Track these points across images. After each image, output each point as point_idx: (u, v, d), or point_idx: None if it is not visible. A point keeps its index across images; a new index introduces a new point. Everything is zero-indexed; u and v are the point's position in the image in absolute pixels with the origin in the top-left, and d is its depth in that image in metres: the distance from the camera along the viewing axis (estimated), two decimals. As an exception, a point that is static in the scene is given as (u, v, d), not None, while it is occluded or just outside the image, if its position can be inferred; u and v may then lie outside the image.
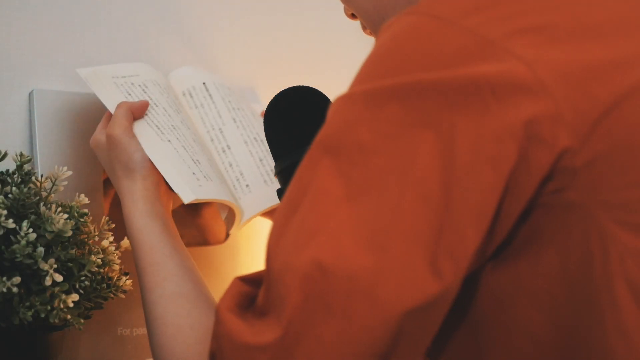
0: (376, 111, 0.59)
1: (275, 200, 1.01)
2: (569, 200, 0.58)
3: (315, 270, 0.56)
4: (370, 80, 0.60)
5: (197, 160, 0.97)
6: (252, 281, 0.66)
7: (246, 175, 1.02)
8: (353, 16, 0.87)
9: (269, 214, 1.06)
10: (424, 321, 0.58)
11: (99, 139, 0.94)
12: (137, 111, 0.94)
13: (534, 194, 0.58)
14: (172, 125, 0.98)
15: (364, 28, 0.86)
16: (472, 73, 0.57)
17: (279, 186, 1.01)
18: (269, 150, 1.04)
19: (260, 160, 1.04)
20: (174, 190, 0.91)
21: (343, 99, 0.61)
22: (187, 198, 0.91)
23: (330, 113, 0.62)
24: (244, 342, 0.59)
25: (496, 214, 0.58)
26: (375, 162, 0.58)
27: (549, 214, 0.59)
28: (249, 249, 1.17)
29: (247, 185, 1.00)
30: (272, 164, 1.03)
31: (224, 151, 1.03)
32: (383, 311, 0.55)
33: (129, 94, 0.99)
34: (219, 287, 0.84)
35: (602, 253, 0.57)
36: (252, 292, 0.65)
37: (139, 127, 0.95)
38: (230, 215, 1.01)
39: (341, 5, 0.86)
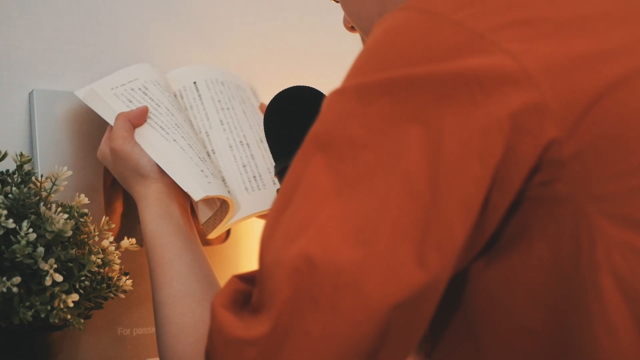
0: (367, 106, 0.59)
1: (255, 208, 1.00)
2: (558, 193, 0.58)
3: (304, 264, 0.57)
4: (362, 75, 0.61)
5: (203, 158, 0.97)
6: (249, 279, 0.66)
7: (228, 181, 1.00)
8: (352, 29, 0.87)
9: (264, 215, 1.06)
10: (412, 315, 0.58)
11: (104, 152, 0.96)
12: (135, 119, 0.95)
13: (522, 187, 0.58)
14: (176, 124, 0.98)
15: (364, 42, 0.86)
16: (460, 67, 0.57)
17: (258, 194, 1.01)
18: (253, 155, 1.04)
19: (244, 166, 1.02)
20: (183, 189, 0.91)
21: (335, 93, 0.62)
22: (196, 195, 0.91)
23: (323, 108, 0.62)
24: (234, 336, 0.59)
25: (484, 206, 0.58)
26: (364, 157, 0.58)
27: (538, 207, 0.59)
28: (250, 249, 1.17)
29: (228, 192, 0.99)
30: (255, 170, 1.03)
31: (208, 155, 1.02)
32: (369, 305, 0.56)
33: (130, 101, 0.99)
34: (220, 287, 0.84)
35: (589, 245, 0.57)
36: (248, 290, 0.65)
37: (143, 132, 0.95)
38: (212, 220, 1.00)
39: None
